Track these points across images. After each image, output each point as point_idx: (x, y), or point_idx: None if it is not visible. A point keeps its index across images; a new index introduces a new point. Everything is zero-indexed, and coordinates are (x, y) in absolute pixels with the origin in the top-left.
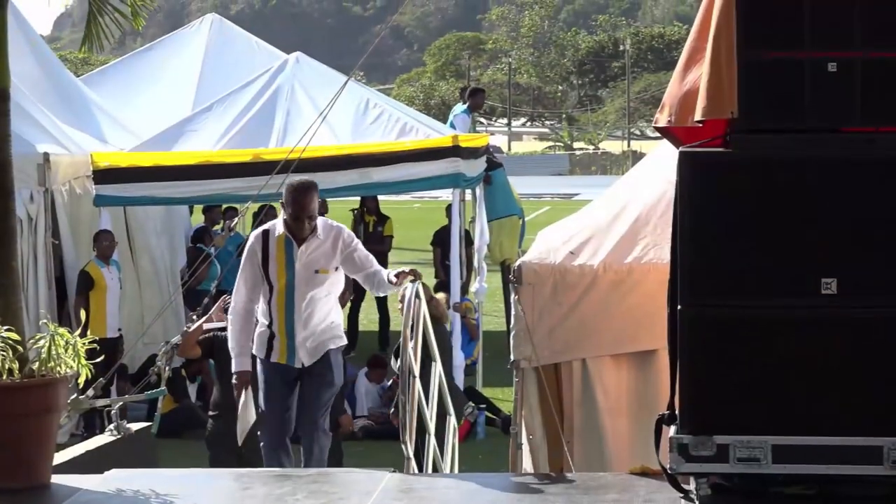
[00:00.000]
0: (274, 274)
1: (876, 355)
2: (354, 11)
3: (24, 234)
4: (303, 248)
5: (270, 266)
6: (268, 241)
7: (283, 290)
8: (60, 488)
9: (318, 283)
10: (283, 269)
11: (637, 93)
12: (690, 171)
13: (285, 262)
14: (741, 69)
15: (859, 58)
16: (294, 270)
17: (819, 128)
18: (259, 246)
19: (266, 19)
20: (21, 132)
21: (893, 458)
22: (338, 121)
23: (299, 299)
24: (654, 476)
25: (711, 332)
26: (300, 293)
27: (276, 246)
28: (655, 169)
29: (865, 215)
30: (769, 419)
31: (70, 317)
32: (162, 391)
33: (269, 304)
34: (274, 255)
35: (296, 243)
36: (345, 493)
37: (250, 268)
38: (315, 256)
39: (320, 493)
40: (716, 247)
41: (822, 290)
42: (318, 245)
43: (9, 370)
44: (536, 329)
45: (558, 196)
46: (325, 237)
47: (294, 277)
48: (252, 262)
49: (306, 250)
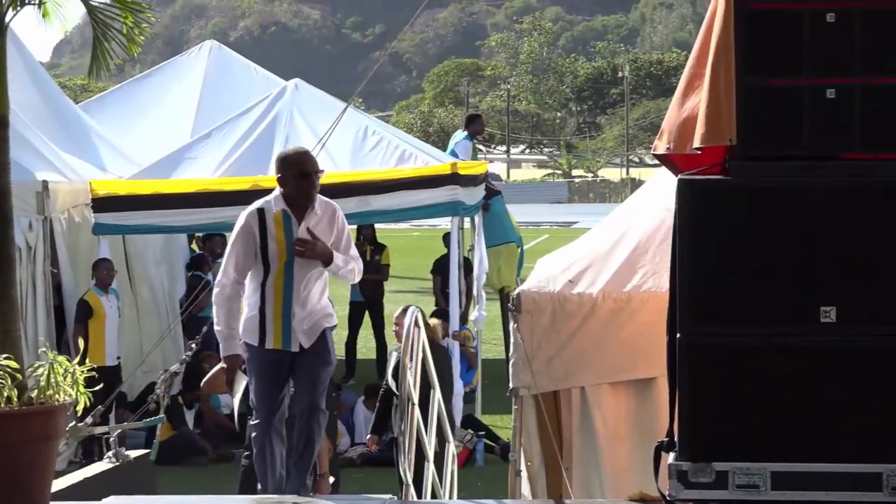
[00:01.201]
0: (273, 254)
1: (875, 383)
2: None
3: (22, 263)
4: (303, 224)
5: (270, 246)
6: (265, 220)
7: (281, 270)
8: None
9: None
10: (283, 248)
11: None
12: (689, 198)
13: (285, 240)
14: (740, 96)
15: (859, 85)
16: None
17: (818, 155)
18: (256, 225)
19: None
20: (20, 160)
21: (892, 485)
22: (336, 148)
23: (298, 279)
24: (654, 503)
25: (710, 359)
26: (300, 273)
27: (275, 224)
28: (654, 196)
29: (865, 243)
30: (768, 446)
31: (69, 345)
32: (160, 419)
33: (262, 287)
34: (273, 233)
35: (295, 219)
36: None
37: (244, 247)
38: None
39: None
40: (715, 275)
41: (821, 318)
42: (317, 221)
43: (7, 398)
44: (535, 357)
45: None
46: (322, 212)
47: (293, 258)
48: (247, 241)
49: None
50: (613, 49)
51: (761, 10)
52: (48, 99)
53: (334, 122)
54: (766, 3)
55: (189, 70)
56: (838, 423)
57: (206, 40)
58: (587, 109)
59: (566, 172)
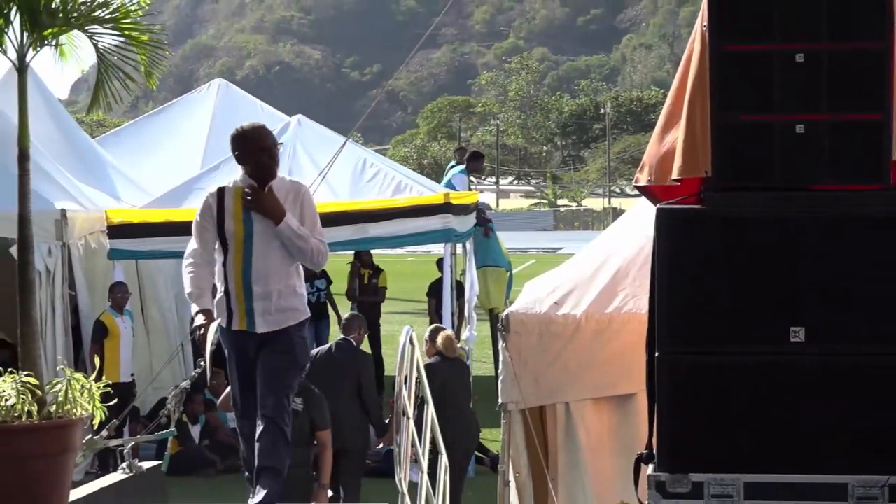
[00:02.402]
0: (230, 229)
1: (840, 398)
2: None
3: (42, 286)
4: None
5: (226, 221)
6: (223, 197)
7: (239, 246)
8: None
9: (276, 240)
10: (239, 223)
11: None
12: (667, 226)
13: (242, 216)
14: (715, 131)
15: (826, 120)
16: (252, 224)
17: (788, 186)
18: (214, 202)
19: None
20: (40, 190)
21: (857, 495)
22: (337, 179)
23: (257, 255)
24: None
25: (687, 377)
26: (258, 249)
27: (234, 200)
28: (634, 225)
29: (830, 268)
30: (741, 458)
31: (86, 363)
32: (172, 432)
33: (224, 266)
34: (230, 209)
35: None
36: None
37: (201, 224)
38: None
39: None
40: (691, 298)
41: (790, 338)
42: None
43: (28, 412)
44: (523, 374)
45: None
46: (283, 191)
47: (252, 231)
48: (205, 218)
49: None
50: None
51: (734, 51)
52: (66, 133)
53: (335, 155)
54: (739, 44)
55: (199, 106)
56: (807, 436)
57: (215, 79)
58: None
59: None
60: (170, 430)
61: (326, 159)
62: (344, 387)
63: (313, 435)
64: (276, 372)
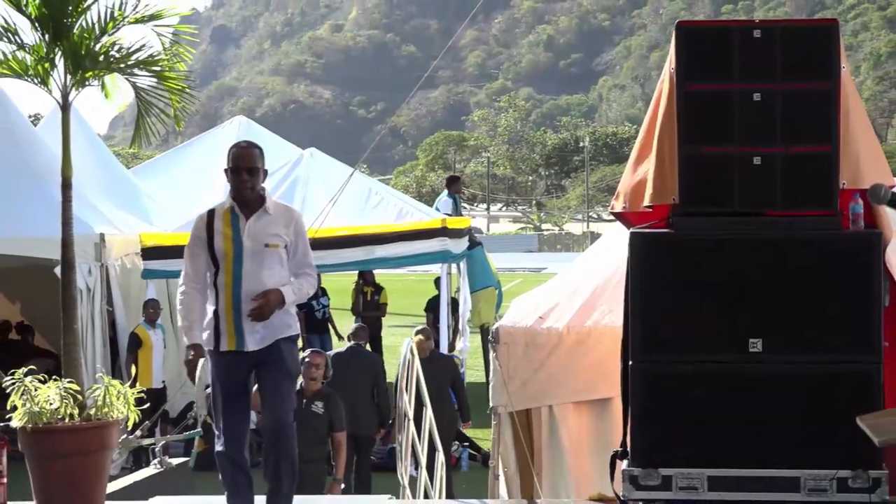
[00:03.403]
0: (220, 249)
1: (793, 402)
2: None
3: (83, 302)
4: (251, 221)
5: (216, 241)
6: (213, 218)
7: (229, 267)
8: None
9: (267, 259)
10: (229, 243)
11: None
12: (640, 248)
13: (231, 235)
14: (681, 162)
15: (780, 152)
16: (241, 244)
17: (746, 212)
18: (203, 224)
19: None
20: (81, 215)
21: (808, 487)
22: (345, 206)
23: (247, 274)
24: (610, 502)
25: (657, 383)
26: (248, 269)
27: (223, 220)
28: (610, 247)
29: (785, 286)
30: (705, 455)
31: (122, 371)
32: (198, 432)
33: (214, 286)
34: (220, 229)
35: (242, 216)
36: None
37: (192, 247)
38: (263, 229)
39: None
40: (661, 312)
41: (749, 348)
42: (267, 220)
43: (70, 415)
44: (511, 381)
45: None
46: (276, 214)
47: (241, 251)
48: (196, 238)
49: (254, 223)
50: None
51: (698, 91)
52: (104, 165)
53: (343, 184)
54: (702, 84)
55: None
56: (764, 435)
57: (237, 116)
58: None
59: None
60: (196, 431)
61: (336, 188)
62: (361, 382)
63: (330, 435)
64: (272, 387)
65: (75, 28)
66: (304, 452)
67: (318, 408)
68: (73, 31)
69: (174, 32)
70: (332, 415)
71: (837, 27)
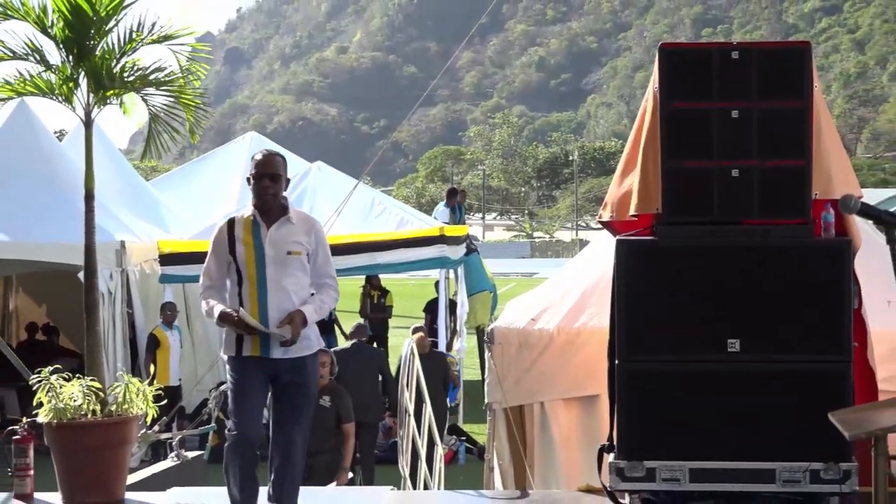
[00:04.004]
0: (242, 258)
1: (769, 398)
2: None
3: (105, 305)
4: (272, 229)
5: (237, 249)
6: (233, 226)
7: (252, 274)
8: (132, 503)
9: (290, 267)
10: (251, 250)
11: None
12: (625, 254)
13: (253, 244)
14: (664, 175)
15: (756, 166)
16: (263, 252)
17: (725, 221)
18: (225, 232)
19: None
20: (103, 224)
21: (783, 478)
22: (350, 215)
23: (272, 283)
24: (597, 493)
25: (642, 381)
26: (271, 276)
27: (244, 229)
28: (598, 253)
29: (761, 290)
30: (687, 448)
31: (141, 370)
32: (212, 427)
33: (238, 295)
34: (241, 237)
35: (264, 224)
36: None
37: (215, 253)
38: (285, 237)
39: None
40: (645, 315)
41: (728, 348)
42: (289, 228)
43: (93, 411)
44: (505, 379)
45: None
46: (297, 222)
47: (265, 260)
48: (218, 247)
49: (276, 231)
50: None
51: (680, 108)
52: (125, 177)
53: (348, 195)
54: (684, 102)
55: (235, 154)
56: (741, 429)
57: (249, 132)
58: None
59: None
60: (210, 426)
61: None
62: (366, 375)
63: (339, 427)
64: (292, 405)
65: (97, 50)
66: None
67: (325, 401)
68: (95, 52)
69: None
70: (340, 408)
71: (810, 49)
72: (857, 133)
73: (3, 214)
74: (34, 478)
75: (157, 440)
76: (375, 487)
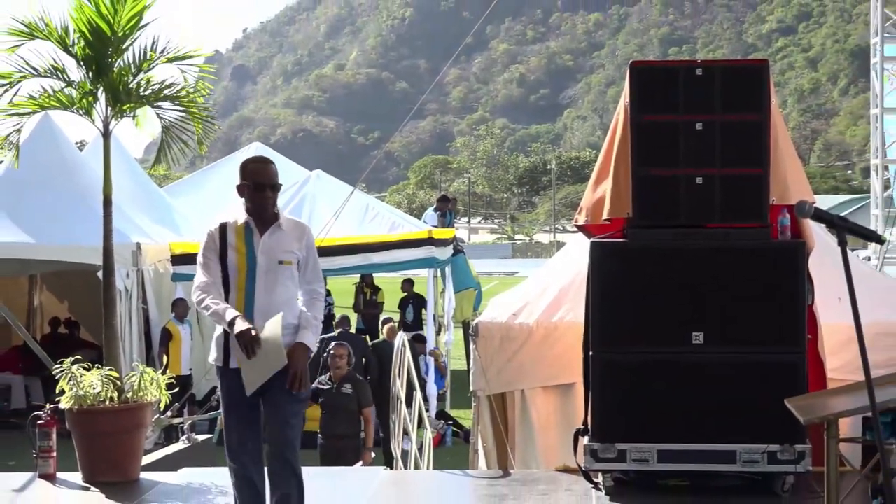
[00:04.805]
0: (233, 264)
1: (730, 386)
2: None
3: (122, 301)
4: (265, 237)
5: (229, 256)
6: (226, 232)
7: (242, 283)
8: (146, 482)
9: (280, 276)
10: (242, 258)
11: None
12: (599, 255)
13: (245, 251)
14: (634, 182)
15: (719, 174)
16: (255, 260)
17: (690, 224)
18: (217, 237)
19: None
20: (120, 227)
21: (744, 459)
22: (346, 219)
23: (260, 291)
24: (573, 472)
25: (614, 370)
26: (262, 286)
27: (236, 235)
28: (573, 254)
29: (723, 287)
30: (655, 431)
31: (154, 360)
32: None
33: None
34: (233, 243)
35: (257, 231)
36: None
37: (206, 257)
38: (278, 245)
39: (329, 487)
40: (617, 310)
41: (692, 341)
42: (280, 235)
43: (110, 398)
44: (488, 369)
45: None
46: (288, 229)
47: (255, 268)
48: (210, 251)
49: (269, 239)
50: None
51: (649, 121)
52: (140, 184)
53: (345, 201)
54: (653, 115)
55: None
56: (705, 414)
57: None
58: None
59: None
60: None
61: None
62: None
63: (360, 412)
64: (280, 412)
65: (115, 67)
66: (341, 429)
67: (347, 389)
68: (112, 69)
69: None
70: (360, 394)
71: (768, 67)
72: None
73: (28, 218)
74: (57, 459)
75: (169, 424)
76: (370, 468)
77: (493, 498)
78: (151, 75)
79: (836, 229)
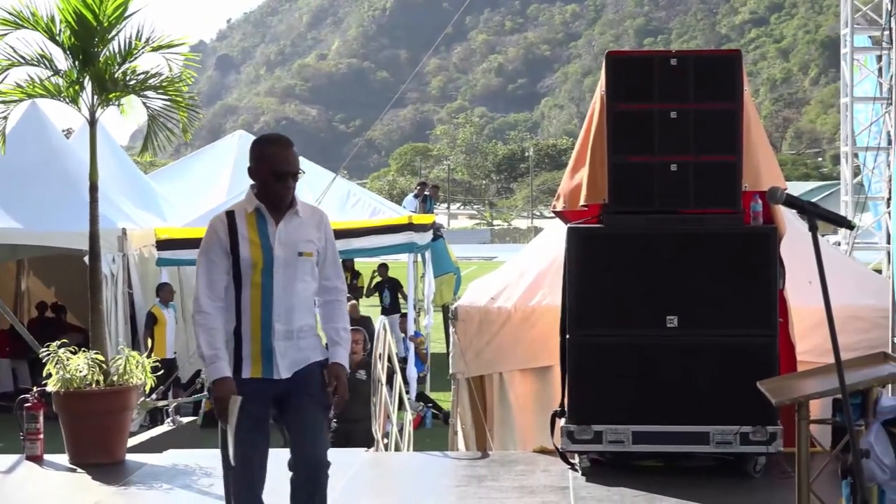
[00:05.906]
0: (247, 259)
1: (704, 368)
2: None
3: (108, 286)
4: (281, 225)
5: (241, 248)
6: (234, 222)
7: (258, 279)
8: (132, 463)
9: (300, 270)
10: (258, 251)
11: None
12: (575, 241)
13: (260, 242)
14: (610, 169)
15: (692, 161)
16: (272, 253)
17: (664, 211)
18: (224, 228)
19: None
20: (106, 213)
21: (716, 440)
22: (328, 205)
23: (279, 288)
24: (550, 454)
25: (590, 353)
26: (280, 282)
27: (247, 224)
28: (550, 239)
29: (697, 272)
30: (630, 413)
31: (140, 344)
32: (204, 395)
33: (237, 301)
34: (245, 234)
35: (272, 219)
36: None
37: (209, 256)
38: (295, 234)
39: None
40: (592, 294)
41: (667, 324)
42: (298, 223)
43: (96, 381)
44: (467, 352)
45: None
46: (305, 215)
47: (273, 261)
48: (216, 243)
49: (286, 227)
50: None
51: (624, 110)
52: (126, 171)
53: (327, 187)
54: (628, 104)
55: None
56: (679, 396)
57: (237, 130)
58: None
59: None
60: (203, 394)
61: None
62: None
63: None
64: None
65: (101, 56)
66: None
67: (361, 375)
68: (98, 58)
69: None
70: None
71: (741, 57)
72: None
73: (16, 204)
74: (44, 441)
75: (154, 407)
76: (352, 449)
77: (472, 479)
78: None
79: (806, 215)
